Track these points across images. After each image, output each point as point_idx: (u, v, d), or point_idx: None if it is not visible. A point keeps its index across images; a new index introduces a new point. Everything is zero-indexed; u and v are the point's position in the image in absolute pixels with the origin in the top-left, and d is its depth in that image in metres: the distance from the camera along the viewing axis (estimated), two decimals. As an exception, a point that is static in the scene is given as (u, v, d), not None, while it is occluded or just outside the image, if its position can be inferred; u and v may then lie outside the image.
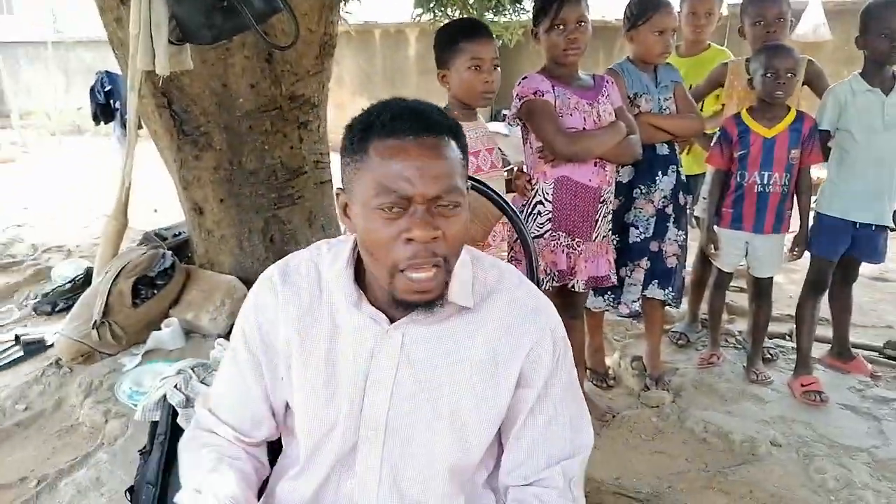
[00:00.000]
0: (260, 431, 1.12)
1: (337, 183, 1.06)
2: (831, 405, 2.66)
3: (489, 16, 4.64)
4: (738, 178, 2.71)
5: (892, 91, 2.51)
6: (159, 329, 2.99)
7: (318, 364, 1.02)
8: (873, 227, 2.64)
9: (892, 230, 2.69)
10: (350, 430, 1.01)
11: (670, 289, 2.57)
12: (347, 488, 1.04)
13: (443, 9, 4.81)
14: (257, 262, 3.33)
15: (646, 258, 2.52)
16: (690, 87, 2.89)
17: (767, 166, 2.65)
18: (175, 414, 2.15)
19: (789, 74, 2.54)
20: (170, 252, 3.22)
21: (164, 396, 2.20)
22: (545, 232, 2.21)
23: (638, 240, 2.51)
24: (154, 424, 2.25)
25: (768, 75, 2.53)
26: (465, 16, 4.51)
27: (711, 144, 2.78)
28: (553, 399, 1.04)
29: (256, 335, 1.06)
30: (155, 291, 3.03)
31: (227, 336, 3.11)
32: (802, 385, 2.71)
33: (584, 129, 2.15)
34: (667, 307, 2.78)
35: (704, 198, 2.91)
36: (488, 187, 1.41)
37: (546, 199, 2.16)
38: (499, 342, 1.01)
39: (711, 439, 2.46)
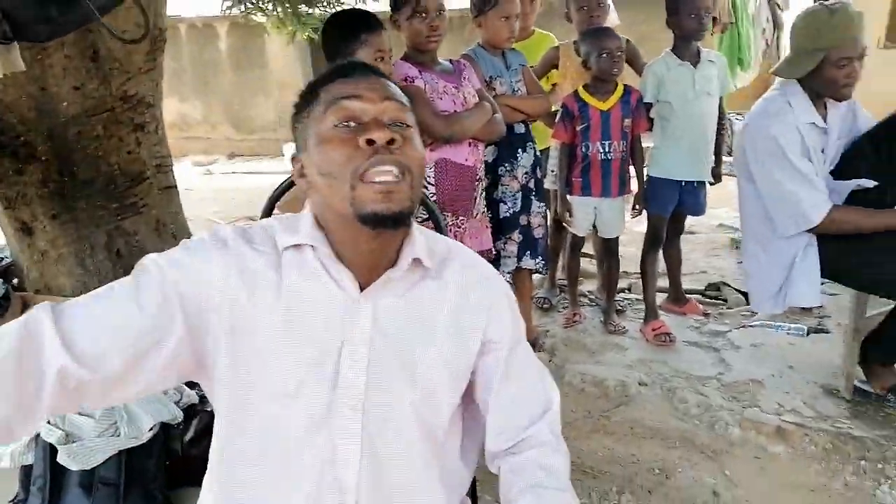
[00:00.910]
0: (104, 365, 0.89)
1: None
2: (678, 344, 3.02)
3: (304, 8, 4.57)
4: (584, 150, 2.97)
5: (699, 64, 2.90)
6: (-2, 368, 2.64)
7: (283, 329, 0.95)
8: (695, 184, 3.03)
9: (711, 184, 3.10)
10: (320, 394, 0.96)
11: (540, 258, 2.77)
12: (324, 454, 0.96)
13: (254, 1, 4.64)
14: (105, 279, 3.02)
15: (517, 231, 2.68)
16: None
17: (607, 136, 2.93)
18: (55, 453, 1.96)
19: (619, 53, 2.83)
20: (0, 280, 2.85)
21: (37, 436, 2.00)
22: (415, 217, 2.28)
23: (508, 214, 2.66)
24: (27, 469, 2.03)
25: (603, 55, 2.79)
26: (278, 9, 4.37)
27: (556, 121, 3.01)
28: (520, 357, 1.09)
29: (184, 284, 0.92)
30: (-13, 326, 2.66)
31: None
32: (653, 329, 3.05)
33: (454, 111, 2.24)
34: (535, 274, 2.98)
35: (553, 171, 3.15)
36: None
37: (429, 183, 2.23)
38: (461, 306, 1.04)
39: (589, 388, 2.70)
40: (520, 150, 2.65)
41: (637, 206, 3.09)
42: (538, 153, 2.82)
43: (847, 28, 2.07)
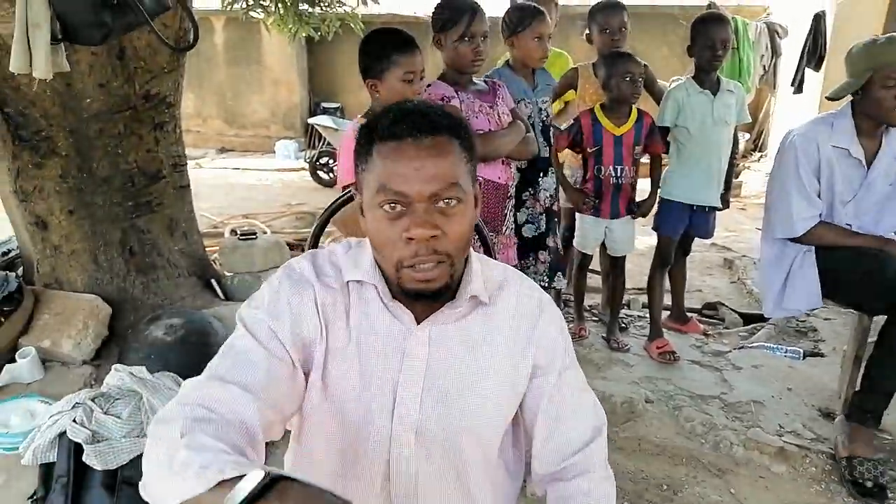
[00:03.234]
0: (272, 427, 0.98)
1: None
2: (682, 362, 3.11)
3: (305, 7, 4.57)
4: (596, 172, 3.04)
5: (719, 92, 2.99)
6: (11, 361, 2.63)
7: (352, 363, 1.03)
8: (706, 209, 3.12)
9: (718, 210, 3.20)
10: (383, 421, 1.04)
11: (564, 277, 2.86)
12: (382, 473, 1.05)
13: (255, -1, 4.62)
14: (117, 277, 3.05)
15: (546, 251, 2.74)
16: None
17: (619, 161, 3.01)
18: (79, 452, 1.97)
19: (640, 78, 2.91)
20: (13, 274, 2.83)
21: (61, 434, 2.01)
22: None
23: (535, 234, 2.72)
24: (47, 467, 2.03)
25: (626, 79, 2.87)
26: (279, 6, 4.36)
27: (563, 128, 3.09)
28: (569, 382, 1.12)
29: (289, 328, 1.00)
30: (2, 320, 2.66)
31: (91, 361, 2.83)
32: (658, 348, 3.13)
33: (489, 130, 2.29)
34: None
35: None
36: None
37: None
38: (513, 333, 1.08)
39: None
40: (541, 174, 2.72)
41: (644, 211, 3.16)
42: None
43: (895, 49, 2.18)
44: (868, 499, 2.21)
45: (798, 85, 5.73)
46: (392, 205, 0.94)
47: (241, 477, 0.72)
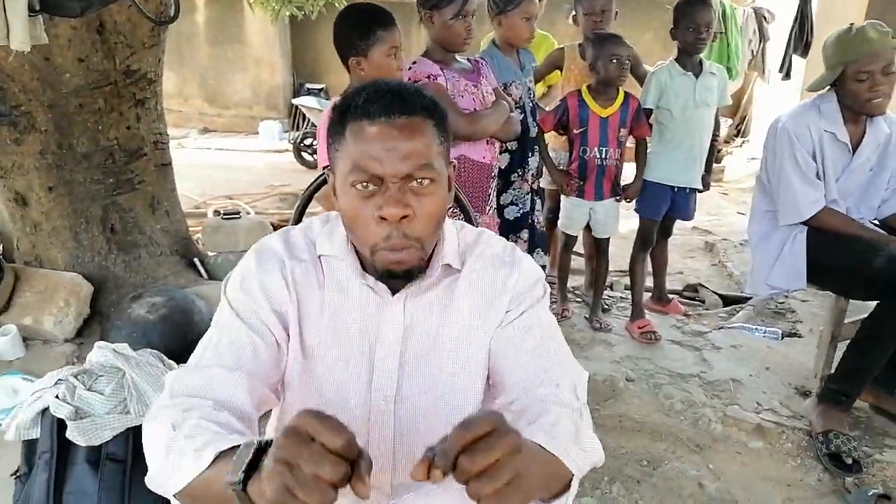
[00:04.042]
0: (266, 401, 1.02)
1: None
2: (663, 342, 3.15)
3: None
4: (581, 153, 3.05)
5: (701, 74, 3.01)
6: (-9, 339, 2.61)
7: (328, 333, 1.04)
8: (687, 190, 3.15)
9: (699, 192, 3.23)
10: (358, 390, 1.05)
11: (546, 254, 2.87)
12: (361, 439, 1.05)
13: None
14: (98, 255, 3.03)
15: (525, 231, 2.76)
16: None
17: (604, 142, 3.03)
18: (62, 428, 1.96)
19: (628, 61, 2.92)
20: (-8, 251, 2.80)
21: (43, 411, 2.00)
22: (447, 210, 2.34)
23: (518, 215, 2.74)
24: (30, 443, 2.02)
25: (612, 61, 2.88)
26: None
27: (548, 110, 3.09)
28: (542, 329, 1.06)
29: (265, 305, 1.01)
30: (-19, 297, 2.63)
31: (73, 339, 2.82)
32: (639, 328, 3.17)
33: (474, 109, 2.29)
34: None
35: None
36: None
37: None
38: (486, 289, 1.07)
39: (579, 383, 2.80)
40: (530, 153, 2.73)
41: (630, 193, 3.16)
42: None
43: (865, 42, 2.20)
44: (844, 472, 2.27)
45: (786, 71, 5.76)
46: (364, 184, 0.94)
47: (236, 450, 0.73)
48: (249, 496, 0.69)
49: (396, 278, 1.00)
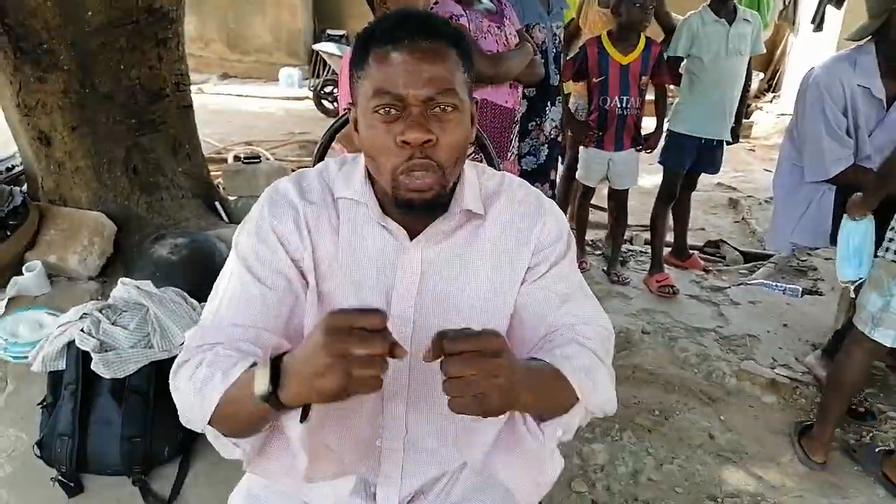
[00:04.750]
0: (282, 346, 1.00)
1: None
2: (680, 296, 3.14)
3: None
4: (601, 103, 3.00)
5: (735, 22, 2.91)
6: (18, 274, 2.67)
7: (344, 277, 1.03)
8: (714, 143, 3.09)
9: (728, 144, 3.17)
10: None
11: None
12: (376, 401, 1.06)
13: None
14: (120, 195, 3.05)
15: (546, 185, 2.73)
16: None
17: (625, 91, 2.96)
18: (87, 360, 2.02)
19: (651, 5, 2.83)
20: (18, 189, 2.83)
21: (69, 343, 2.05)
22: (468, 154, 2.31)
23: (535, 166, 2.71)
24: (56, 374, 2.09)
25: (636, 4, 2.79)
26: None
27: (568, 58, 3.02)
28: (570, 287, 1.06)
29: (281, 253, 1.00)
30: (8, 233, 2.67)
31: (97, 278, 2.87)
32: (658, 281, 3.16)
33: (497, 51, 2.24)
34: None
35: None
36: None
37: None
38: (508, 239, 1.06)
39: (595, 333, 2.81)
40: (549, 104, 2.67)
41: (651, 143, 3.11)
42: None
43: None
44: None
45: (818, 23, 5.55)
46: (387, 108, 0.92)
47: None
48: (283, 403, 0.77)
49: (416, 210, 0.97)
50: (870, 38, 2.25)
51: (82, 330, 2.05)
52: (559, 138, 2.77)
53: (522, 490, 1.02)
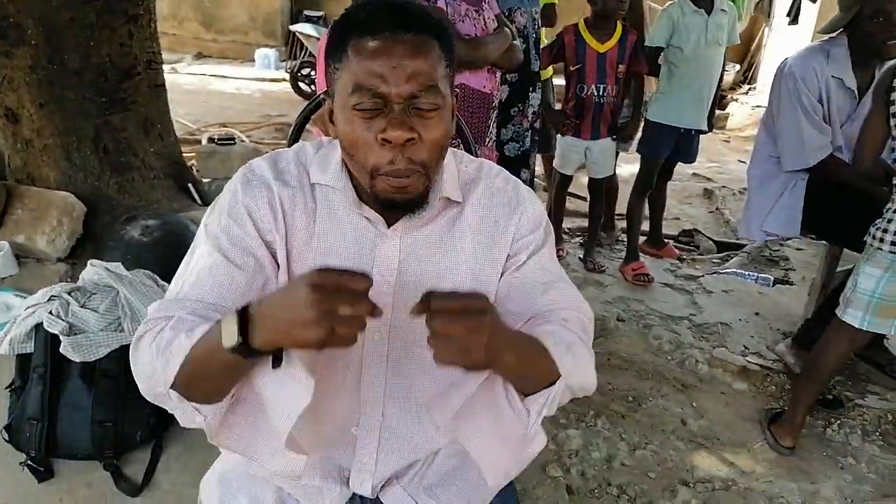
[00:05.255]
0: None
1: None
2: (655, 284, 3.17)
3: None
4: (577, 91, 3.00)
5: (713, 12, 2.93)
6: (-16, 255, 2.60)
7: (318, 263, 0.96)
8: (692, 132, 3.11)
9: (703, 133, 3.19)
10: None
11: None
12: (354, 369, 1.04)
13: None
14: (91, 175, 2.98)
15: (527, 170, 2.73)
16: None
17: (602, 79, 2.97)
18: (56, 343, 1.97)
19: (626, -6, 2.84)
20: (-17, 166, 2.76)
21: (37, 326, 2.00)
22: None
23: (519, 153, 2.70)
24: (24, 357, 2.04)
25: (611, -7, 2.79)
26: None
27: (543, 47, 3.02)
28: (550, 276, 1.06)
29: (252, 232, 0.97)
30: (-28, 212, 2.60)
31: (66, 259, 2.81)
32: (633, 270, 3.19)
33: (475, 35, 2.22)
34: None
35: None
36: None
37: (446, 108, 2.22)
38: (487, 226, 1.05)
39: (570, 320, 2.83)
40: (531, 89, 2.66)
41: (628, 135, 3.13)
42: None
43: None
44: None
45: (794, 16, 5.61)
46: (367, 105, 0.89)
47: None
48: (254, 350, 0.78)
49: (397, 208, 0.96)
50: (842, 30, 2.28)
51: (51, 312, 2.00)
52: (536, 124, 2.76)
53: (494, 467, 0.99)
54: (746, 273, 3.34)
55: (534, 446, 1.00)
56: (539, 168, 3.66)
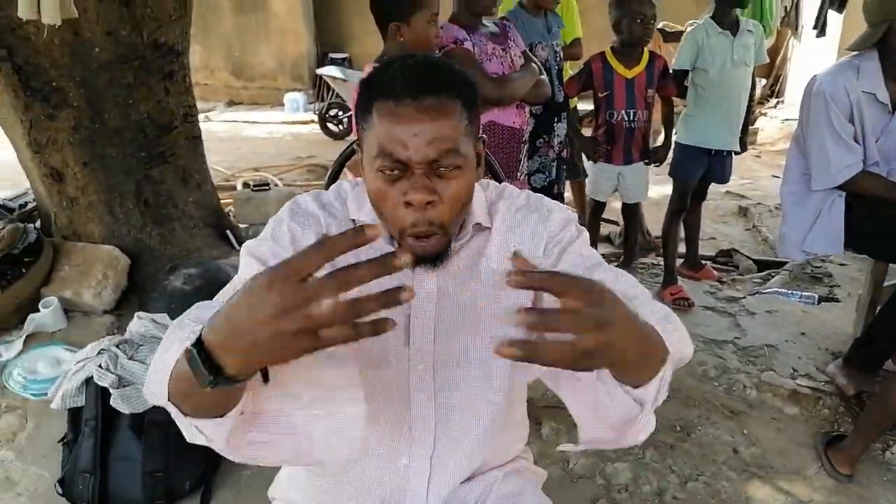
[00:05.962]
0: None
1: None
2: (696, 308, 3.12)
3: None
4: (608, 117, 3.00)
5: (738, 33, 2.92)
6: (34, 310, 2.68)
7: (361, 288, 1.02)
8: (724, 153, 3.09)
9: (736, 153, 3.16)
10: (399, 358, 1.04)
11: None
12: (401, 404, 1.05)
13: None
14: (134, 228, 3.07)
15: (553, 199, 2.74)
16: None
17: (631, 104, 2.97)
18: (106, 396, 2.02)
19: (653, 20, 2.85)
20: (32, 226, 2.86)
21: (88, 380, 2.06)
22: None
23: (545, 184, 2.72)
24: (76, 411, 2.09)
25: (637, 21, 2.81)
26: None
27: (572, 76, 3.04)
28: (590, 255, 1.03)
29: (290, 250, 0.98)
30: (23, 270, 2.69)
31: (113, 311, 2.88)
32: (672, 294, 3.14)
33: (503, 73, 2.25)
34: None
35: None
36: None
37: (479, 144, 2.26)
38: (514, 241, 1.05)
39: (611, 349, 2.79)
40: (556, 120, 2.69)
41: (659, 156, 3.12)
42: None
43: None
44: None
45: (821, 28, 5.55)
46: (390, 170, 0.92)
47: None
48: (234, 378, 0.65)
49: (419, 264, 0.98)
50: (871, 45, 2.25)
51: (100, 366, 2.06)
52: (563, 154, 2.77)
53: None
54: (790, 292, 3.26)
55: (641, 434, 0.86)
56: (568, 193, 3.66)
